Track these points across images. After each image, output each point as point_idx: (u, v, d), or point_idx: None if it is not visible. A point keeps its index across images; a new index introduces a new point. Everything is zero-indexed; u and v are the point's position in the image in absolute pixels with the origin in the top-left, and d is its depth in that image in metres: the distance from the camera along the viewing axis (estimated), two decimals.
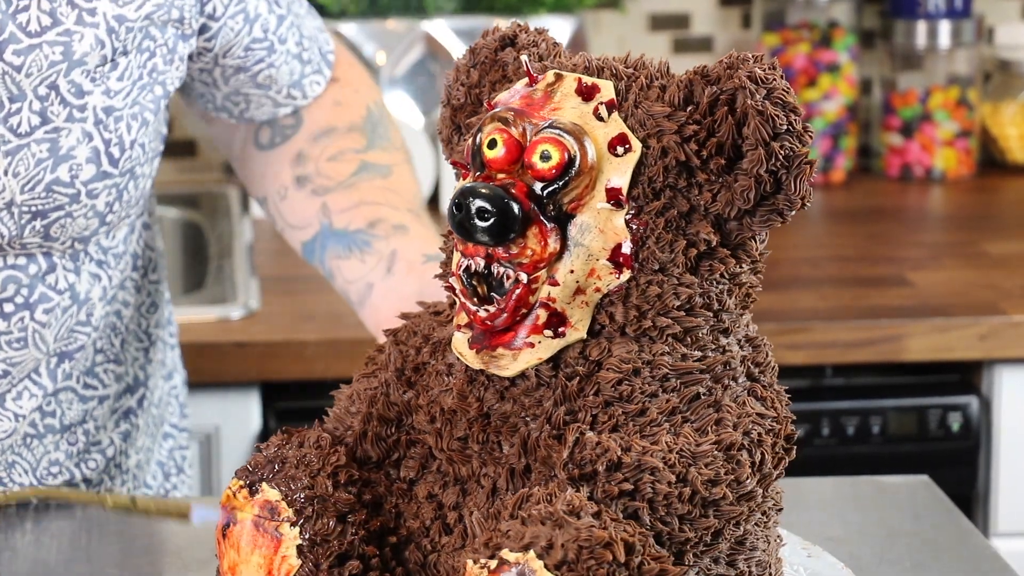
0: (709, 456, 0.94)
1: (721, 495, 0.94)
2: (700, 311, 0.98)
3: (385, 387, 1.03)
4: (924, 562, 1.19)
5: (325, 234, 1.37)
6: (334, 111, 1.42)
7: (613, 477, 0.93)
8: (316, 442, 1.02)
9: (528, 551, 0.88)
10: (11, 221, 1.25)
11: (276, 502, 1.00)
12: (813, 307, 2.11)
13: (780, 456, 0.98)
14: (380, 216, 1.36)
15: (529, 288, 0.97)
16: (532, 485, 0.96)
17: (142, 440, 1.45)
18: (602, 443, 0.93)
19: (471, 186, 0.96)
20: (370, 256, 1.34)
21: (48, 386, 1.33)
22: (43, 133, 1.24)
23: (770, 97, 0.95)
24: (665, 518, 0.93)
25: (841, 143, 2.69)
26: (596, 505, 0.91)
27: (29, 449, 1.34)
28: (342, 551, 1.00)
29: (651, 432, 0.95)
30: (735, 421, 0.96)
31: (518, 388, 0.99)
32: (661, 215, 0.97)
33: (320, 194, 1.39)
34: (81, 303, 1.33)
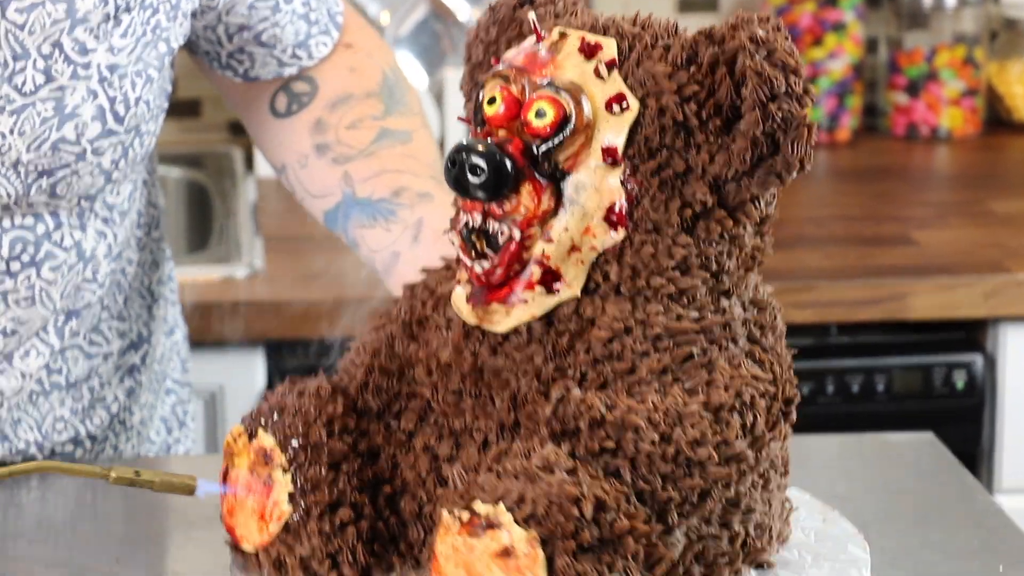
0: (696, 416, 0.94)
1: (707, 456, 0.94)
2: (697, 272, 0.98)
3: (390, 339, 1.04)
4: (928, 519, 1.19)
5: (348, 203, 1.38)
6: (350, 77, 1.42)
7: (595, 434, 0.93)
8: (316, 391, 1.03)
9: (499, 504, 0.89)
10: (17, 180, 1.25)
11: (270, 449, 1.02)
12: (818, 266, 2.11)
13: (776, 419, 0.98)
14: (403, 184, 1.36)
15: (523, 245, 0.97)
16: (520, 440, 0.96)
17: (146, 397, 1.45)
18: (586, 400, 0.94)
19: (466, 142, 0.96)
20: (395, 225, 1.34)
21: (55, 344, 1.34)
22: (48, 91, 1.24)
23: (770, 58, 0.94)
24: (647, 477, 0.93)
25: (847, 102, 2.69)
26: (573, 461, 0.91)
27: (35, 406, 1.34)
28: (333, 499, 1.01)
29: (639, 391, 0.95)
30: (726, 383, 0.96)
31: (511, 344, 0.99)
32: (656, 175, 0.96)
33: (341, 163, 1.38)
34: (87, 260, 1.33)
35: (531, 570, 0.88)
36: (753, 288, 1.02)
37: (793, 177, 0.97)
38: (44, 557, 1.13)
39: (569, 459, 0.92)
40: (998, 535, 1.16)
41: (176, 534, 1.15)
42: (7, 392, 1.32)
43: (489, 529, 0.89)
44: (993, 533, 1.17)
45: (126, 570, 1.10)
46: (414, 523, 1.02)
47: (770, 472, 1.02)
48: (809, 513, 1.11)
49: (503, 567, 0.89)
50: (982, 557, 1.13)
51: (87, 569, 1.10)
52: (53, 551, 1.13)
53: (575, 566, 0.88)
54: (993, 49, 2.76)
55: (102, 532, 1.17)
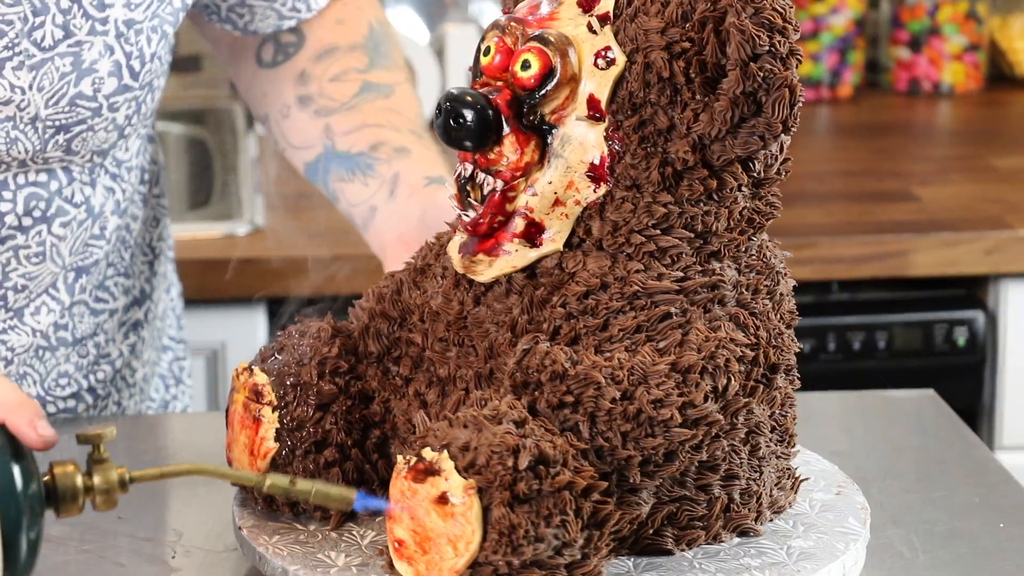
0: (661, 376, 0.93)
1: (669, 416, 0.93)
2: (679, 231, 0.97)
3: (398, 285, 1.05)
4: (929, 475, 1.20)
5: (328, 156, 1.38)
6: (336, 29, 1.42)
7: (556, 388, 0.93)
8: (316, 333, 1.05)
9: (443, 451, 0.90)
10: (35, 136, 1.25)
11: (262, 386, 1.04)
12: (819, 222, 2.11)
13: (755, 384, 0.97)
14: (382, 139, 1.36)
15: (505, 196, 0.98)
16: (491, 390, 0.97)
17: (148, 353, 1.45)
18: (551, 353, 0.94)
19: (452, 91, 0.97)
20: (373, 180, 1.34)
21: (66, 300, 1.35)
22: (66, 47, 1.24)
23: (756, 17, 0.93)
24: (606, 433, 0.93)
25: (849, 57, 2.68)
26: (524, 414, 0.92)
27: (41, 361, 1.35)
28: (318, 439, 1.03)
29: (608, 348, 0.95)
30: (700, 344, 0.95)
31: (492, 294, 1.00)
32: (637, 131, 0.96)
33: (323, 115, 1.39)
34: (95, 216, 1.33)
35: (466, 518, 0.89)
36: (756, 251, 1.01)
37: (778, 139, 0.96)
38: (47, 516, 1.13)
39: (522, 411, 0.92)
40: (999, 491, 1.17)
41: (179, 492, 1.16)
42: (17, 348, 1.33)
43: (430, 475, 0.90)
44: (993, 489, 1.17)
45: (129, 527, 1.11)
46: None
47: (758, 439, 1.01)
48: (827, 485, 1.09)
49: (440, 513, 0.90)
50: (983, 513, 1.13)
51: (90, 527, 1.11)
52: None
53: (510, 517, 0.88)
54: (996, 4, 2.75)
55: None
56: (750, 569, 0.99)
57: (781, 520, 1.05)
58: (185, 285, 1.99)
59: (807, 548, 1.02)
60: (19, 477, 0.92)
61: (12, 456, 0.93)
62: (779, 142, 0.98)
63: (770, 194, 1.00)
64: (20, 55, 1.23)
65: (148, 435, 1.30)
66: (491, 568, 0.90)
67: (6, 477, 0.92)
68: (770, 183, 1.00)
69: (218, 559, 1.06)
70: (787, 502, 1.05)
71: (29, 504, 0.92)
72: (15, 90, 1.23)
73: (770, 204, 1.00)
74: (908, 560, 1.07)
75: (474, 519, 0.89)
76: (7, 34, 1.22)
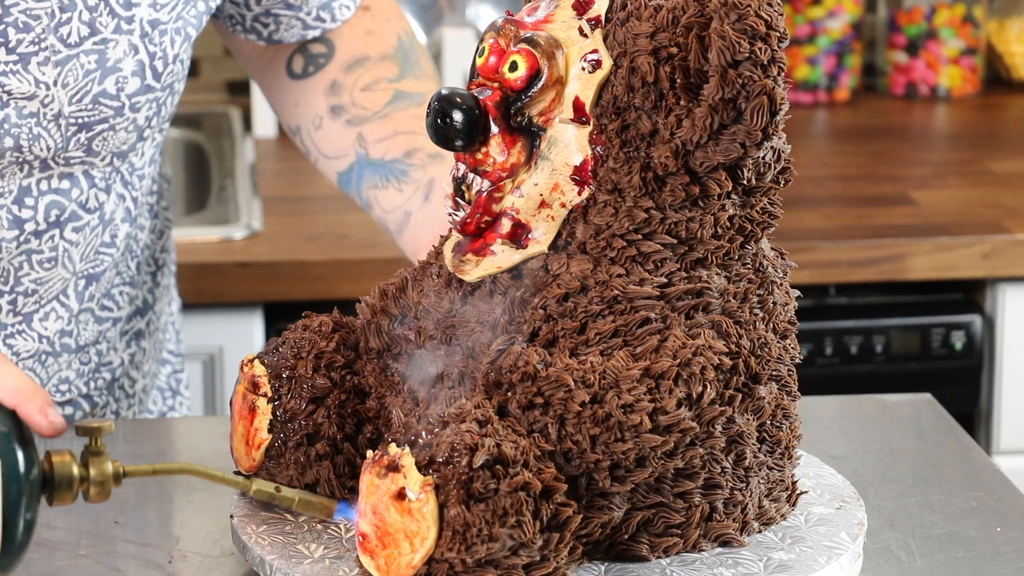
0: (632, 381, 0.93)
1: (639, 421, 0.93)
2: (662, 236, 0.97)
3: (403, 283, 1.06)
4: (927, 479, 1.20)
5: (361, 164, 1.38)
6: (366, 40, 1.42)
7: (527, 389, 0.94)
8: (317, 327, 1.06)
9: (405, 447, 0.91)
10: (58, 133, 1.26)
11: (259, 377, 1.06)
12: (817, 226, 2.11)
13: (734, 393, 0.97)
14: (416, 145, 1.37)
15: (491, 196, 0.98)
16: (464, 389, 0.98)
17: (148, 365, 1.46)
18: (524, 355, 0.94)
19: (442, 91, 0.98)
20: (407, 185, 1.35)
21: (74, 308, 1.35)
22: (92, 44, 1.25)
23: (738, 23, 0.93)
24: (575, 436, 0.93)
25: (846, 61, 2.68)
26: (489, 413, 0.92)
27: (43, 366, 1.35)
28: (310, 431, 1.04)
29: (584, 351, 0.95)
30: (675, 350, 0.95)
31: (478, 294, 1.00)
32: (620, 135, 0.97)
33: (356, 124, 1.39)
34: (107, 223, 1.34)
35: (422, 514, 0.90)
36: (751, 260, 1.01)
37: (761, 147, 0.95)
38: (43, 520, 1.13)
39: (487, 410, 0.92)
40: (996, 495, 1.17)
41: (175, 497, 1.16)
42: (22, 353, 1.33)
43: (392, 471, 0.91)
44: (991, 493, 1.17)
45: (127, 532, 1.11)
46: None
47: (742, 448, 1.00)
48: (832, 498, 1.08)
49: (399, 509, 0.91)
50: (980, 517, 1.13)
51: (88, 532, 1.11)
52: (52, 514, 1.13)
53: (465, 515, 0.89)
54: (992, 7, 2.75)
55: None
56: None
57: (770, 532, 1.03)
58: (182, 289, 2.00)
59: (786, 560, 1.00)
60: (23, 461, 0.96)
61: (18, 441, 0.97)
62: (772, 149, 0.97)
63: (765, 202, 1.00)
64: (46, 50, 1.23)
65: (146, 438, 1.30)
66: (446, 565, 0.90)
67: (11, 460, 0.96)
68: (762, 191, 0.99)
69: (215, 564, 1.06)
70: (779, 514, 1.04)
71: (29, 487, 0.96)
72: (40, 85, 1.24)
73: (766, 212, 1.00)
74: (905, 564, 1.07)
75: (430, 516, 0.90)
76: (34, 29, 1.23)
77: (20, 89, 1.23)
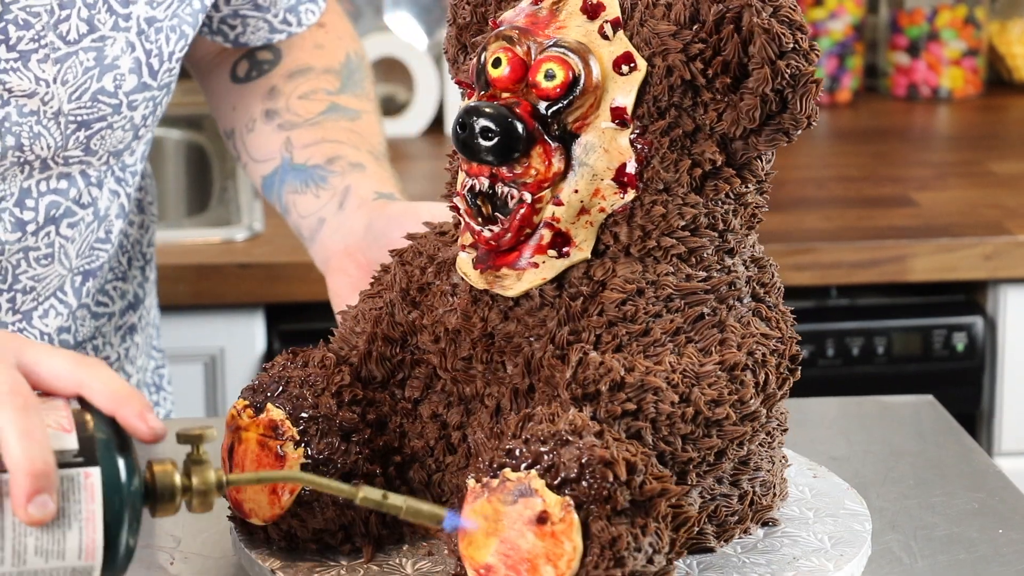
0: (713, 376, 0.94)
1: (724, 415, 0.94)
2: (705, 231, 0.98)
3: (390, 307, 1.03)
4: (928, 480, 1.19)
5: (285, 168, 1.38)
6: (314, 53, 1.43)
7: (616, 397, 0.93)
8: (321, 362, 1.02)
9: (530, 470, 0.89)
10: (57, 131, 1.26)
11: (280, 421, 1.00)
12: (818, 227, 2.11)
13: (784, 376, 0.99)
14: (339, 153, 1.36)
15: (533, 208, 0.97)
16: (535, 405, 0.96)
17: (141, 360, 1.46)
18: (605, 363, 0.93)
19: (475, 105, 0.95)
20: (324, 191, 1.34)
21: (72, 304, 1.35)
22: (90, 41, 1.25)
23: (776, 15, 0.95)
24: (668, 438, 0.93)
25: (847, 62, 2.68)
26: (599, 425, 0.91)
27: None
28: (346, 470, 1.00)
29: (655, 352, 0.95)
30: (739, 341, 0.96)
31: (522, 308, 0.99)
32: (666, 134, 0.96)
33: (286, 129, 1.39)
34: (101, 219, 1.34)
35: (567, 535, 0.87)
36: (752, 246, 1.02)
37: (799, 133, 0.97)
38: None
39: (594, 422, 0.91)
40: (997, 497, 1.17)
41: None
42: None
43: (522, 496, 0.88)
44: (992, 495, 1.17)
45: None
46: (424, 492, 1.02)
47: (776, 430, 1.03)
48: (799, 468, 1.12)
49: (538, 533, 0.88)
50: (981, 519, 1.13)
51: None
52: None
53: (610, 530, 0.87)
54: (994, 9, 2.75)
55: None
56: (796, 559, 1.00)
57: (786, 507, 1.06)
58: (183, 291, 2.00)
59: (833, 532, 1.04)
60: (124, 471, 0.89)
61: (118, 450, 0.90)
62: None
63: (767, 189, 1.02)
64: (45, 47, 1.24)
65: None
66: None
67: (112, 471, 0.89)
68: (769, 178, 1.01)
69: (216, 565, 1.06)
70: (787, 489, 1.07)
71: (132, 500, 0.90)
72: (40, 83, 1.24)
73: (765, 199, 1.02)
74: (907, 565, 1.07)
75: (575, 535, 0.87)
76: (33, 26, 1.23)
77: (21, 87, 1.23)
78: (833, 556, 1.01)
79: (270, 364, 1.03)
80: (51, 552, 0.88)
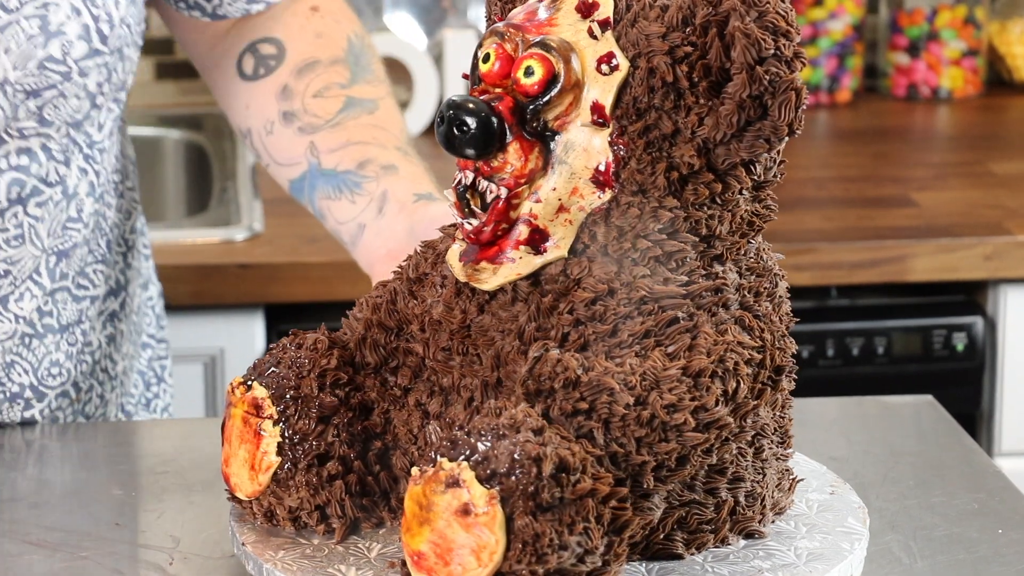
0: (673, 380, 0.93)
1: (683, 420, 0.93)
2: (684, 235, 0.97)
3: (393, 295, 1.04)
4: (928, 481, 1.19)
5: (314, 174, 1.38)
6: (316, 43, 1.43)
7: (570, 395, 0.93)
8: (313, 345, 1.04)
9: (462, 461, 0.89)
10: (5, 101, 1.26)
11: (262, 399, 1.03)
12: (818, 228, 2.11)
13: (762, 387, 0.97)
14: (369, 156, 1.36)
15: (509, 203, 0.98)
16: (499, 399, 0.96)
17: (126, 347, 1.46)
18: (563, 360, 0.94)
19: (455, 99, 0.96)
20: (360, 197, 1.35)
21: (47, 285, 1.35)
22: (32, 8, 1.25)
23: (760, 20, 0.94)
24: (620, 440, 0.93)
25: (847, 63, 2.68)
26: (541, 421, 0.91)
27: (29, 350, 1.35)
28: (321, 451, 1.02)
29: (618, 354, 0.95)
30: (709, 348, 0.95)
31: (497, 302, 0.99)
32: (643, 136, 0.96)
33: (308, 133, 1.39)
34: (71, 197, 1.34)
35: (489, 528, 0.88)
36: (754, 254, 1.01)
37: (782, 142, 0.96)
38: (44, 522, 1.13)
39: (538, 419, 0.91)
40: (997, 497, 1.16)
41: (175, 498, 1.15)
42: (1, 336, 1.33)
43: (451, 487, 0.89)
44: (992, 495, 1.17)
45: (127, 534, 1.10)
46: (405, 478, 1.03)
47: (761, 441, 1.01)
48: (820, 485, 1.10)
49: (463, 525, 0.89)
50: (981, 519, 1.13)
51: (87, 534, 1.10)
52: (53, 516, 1.13)
53: (533, 525, 0.88)
54: (994, 9, 2.75)
55: (102, 497, 1.17)
56: (762, 572, 0.99)
57: (782, 521, 1.05)
58: (183, 291, 2.00)
59: (814, 548, 1.02)
60: None
61: None
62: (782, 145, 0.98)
63: (768, 197, 1.01)
64: None
65: (145, 441, 1.30)
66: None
67: None
68: (768, 186, 1.00)
69: (215, 565, 1.06)
70: (787, 503, 1.06)
71: None
72: None
73: (767, 207, 1.01)
74: (906, 566, 1.06)
75: (498, 528, 0.88)
76: None
77: None
78: (802, 571, 0.99)
79: (274, 345, 1.06)
80: None
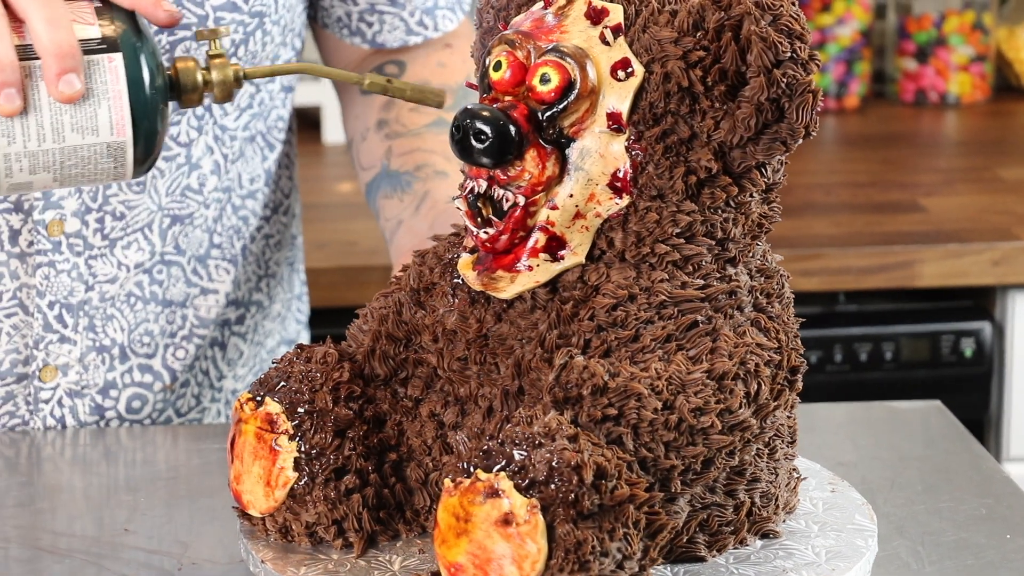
0: (699, 384, 0.94)
1: (709, 423, 0.94)
2: (701, 239, 0.98)
3: (398, 305, 1.04)
4: (936, 486, 1.19)
5: (382, 175, 1.42)
6: (436, 71, 1.46)
7: (598, 402, 0.93)
8: (323, 358, 1.03)
9: (501, 471, 0.89)
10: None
11: (276, 415, 1.02)
12: (826, 233, 2.11)
13: (780, 388, 0.98)
14: (428, 161, 1.39)
15: (527, 211, 0.97)
16: (524, 407, 0.96)
17: (240, 369, 1.46)
18: (589, 367, 0.94)
19: (471, 108, 0.96)
20: (407, 196, 1.38)
21: (157, 244, 1.36)
22: None
23: (775, 23, 0.94)
24: (650, 444, 0.93)
25: (855, 68, 2.68)
26: (575, 428, 0.91)
27: (132, 309, 1.36)
28: (338, 465, 1.01)
29: (642, 358, 0.95)
30: (731, 351, 0.96)
31: (515, 310, 0.99)
32: (661, 141, 0.96)
33: (391, 138, 1.43)
34: (193, 166, 1.36)
35: (531, 537, 0.88)
36: (760, 256, 1.02)
37: (798, 143, 0.97)
38: (53, 528, 1.13)
39: (571, 426, 0.91)
40: (1005, 503, 1.16)
41: (184, 504, 1.16)
42: (99, 276, 1.34)
43: (490, 497, 0.89)
44: (1000, 501, 1.17)
45: (135, 539, 1.11)
46: (420, 490, 1.03)
47: (776, 441, 1.02)
48: (819, 483, 1.11)
49: (503, 535, 0.89)
50: (989, 524, 1.13)
51: (97, 539, 1.11)
52: (62, 521, 1.14)
53: (575, 533, 0.88)
54: (1002, 14, 2.75)
55: (111, 502, 1.17)
56: (787, 571, 1.00)
57: (793, 520, 1.05)
58: None
59: (830, 546, 1.02)
60: (144, 58, 1.03)
61: (136, 37, 1.03)
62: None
63: (775, 199, 1.01)
64: None
65: (155, 446, 1.30)
66: None
67: (133, 56, 1.02)
68: (777, 187, 1.01)
69: (225, 571, 1.06)
70: (795, 502, 1.06)
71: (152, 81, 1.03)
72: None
73: (774, 208, 1.01)
74: (914, 571, 1.06)
75: (540, 537, 0.88)
76: None
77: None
78: (825, 570, 1.00)
79: (279, 360, 1.05)
80: (86, 128, 1.02)
